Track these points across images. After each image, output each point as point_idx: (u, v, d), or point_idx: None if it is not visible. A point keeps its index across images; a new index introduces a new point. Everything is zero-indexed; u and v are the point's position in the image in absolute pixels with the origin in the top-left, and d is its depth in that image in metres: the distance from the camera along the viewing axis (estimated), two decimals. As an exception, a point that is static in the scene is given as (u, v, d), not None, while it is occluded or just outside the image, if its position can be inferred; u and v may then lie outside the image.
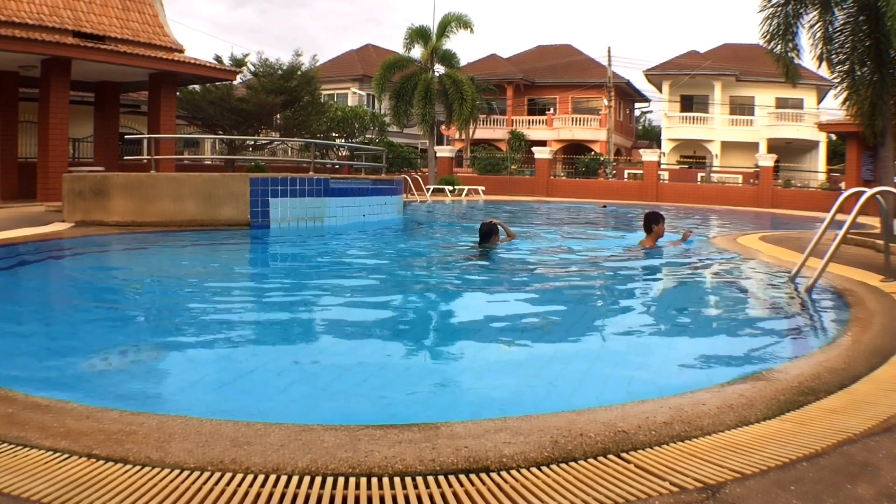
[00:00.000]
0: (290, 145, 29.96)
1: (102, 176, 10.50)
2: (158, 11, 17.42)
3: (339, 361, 3.40)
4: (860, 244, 8.37)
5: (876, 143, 10.87)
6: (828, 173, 31.86)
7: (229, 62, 24.49)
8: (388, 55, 31.14)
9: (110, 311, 4.75)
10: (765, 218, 18.15)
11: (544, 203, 23.12)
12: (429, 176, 27.11)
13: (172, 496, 1.73)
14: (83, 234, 8.85)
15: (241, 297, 5.39)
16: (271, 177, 10.06)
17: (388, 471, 1.88)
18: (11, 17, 13.80)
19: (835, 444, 2.11)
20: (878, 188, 5.50)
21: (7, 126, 16.14)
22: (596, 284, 6.21)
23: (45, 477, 1.80)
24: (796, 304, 5.02)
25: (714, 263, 7.66)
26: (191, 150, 29.17)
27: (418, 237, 10.80)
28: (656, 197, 26.46)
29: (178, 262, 7.39)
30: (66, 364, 3.30)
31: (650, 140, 48.68)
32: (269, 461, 1.91)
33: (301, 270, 7.10)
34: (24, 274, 6.38)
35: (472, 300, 5.48)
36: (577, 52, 43.70)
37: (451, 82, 26.50)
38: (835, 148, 36.74)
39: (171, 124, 17.53)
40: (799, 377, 2.83)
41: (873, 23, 9.66)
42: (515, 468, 1.93)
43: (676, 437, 2.17)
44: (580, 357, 3.59)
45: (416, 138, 36.56)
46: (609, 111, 37.66)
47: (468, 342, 3.94)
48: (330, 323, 4.46)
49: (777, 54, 10.68)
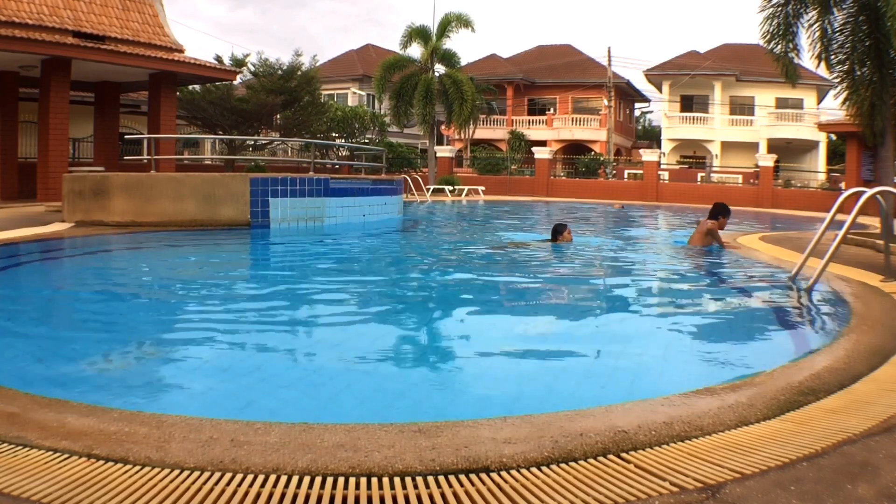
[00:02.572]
0: (290, 145, 29.96)
1: (102, 176, 10.50)
2: (158, 11, 17.42)
3: (339, 361, 3.39)
4: (860, 244, 8.37)
5: (876, 143, 10.87)
6: (828, 173, 31.87)
7: (229, 62, 24.49)
8: (388, 55, 31.12)
9: (110, 310, 4.75)
10: (765, 218, 18.15)
11: (551, 203, 23.11)
12: (429, 176, 27.11)
13: (172, 496, 1.73)
14: (83, 234, 8.85)
15: (241, 297, 5.39)
16: (271, 177, 10.06)
17: (388, 471, 1.88)
18: (11, 17, 13.80)
19: (835, 444, 2.11)
20: (878, 188, 5.51)
21: (7, 126, 16.14)
22: (596, 284, 6.21)
23: (45, 477, 1.80)
24: (796, 305, 5.02)
25: (714, 264, 7.66)
26: (191, 150, 29.16)
27: (418, 237, 10.80)
28: (656, 197, 26.45)
29: (178, 262, 7.39)
30: (66, 364, 3.30)
31: (650, 140, 48.69)
32: (269, 461, 1.91)
33: (300, 270, 7.10)
34: (24, 274, 6.38)
35: (473, 300, 5.48)
36: (577, 52, 43.70)
37: (451, 82, 26.48)
38: (835, 148, 36.75)
39: (171, 124, 17.53)
40: (799, 377, 2.83)
41: (873, 23, 9.66)
42: (515, 468, 1.93)
43: (676, 437, 2.17)
44: (580, 357, 3.59)
45: (416, 138, 36.55)
46: (609, 111, 37.66)
47: (468, 342, 3.94)
48: (330, 323, 4.46)
49: (777, 54, 10.68)
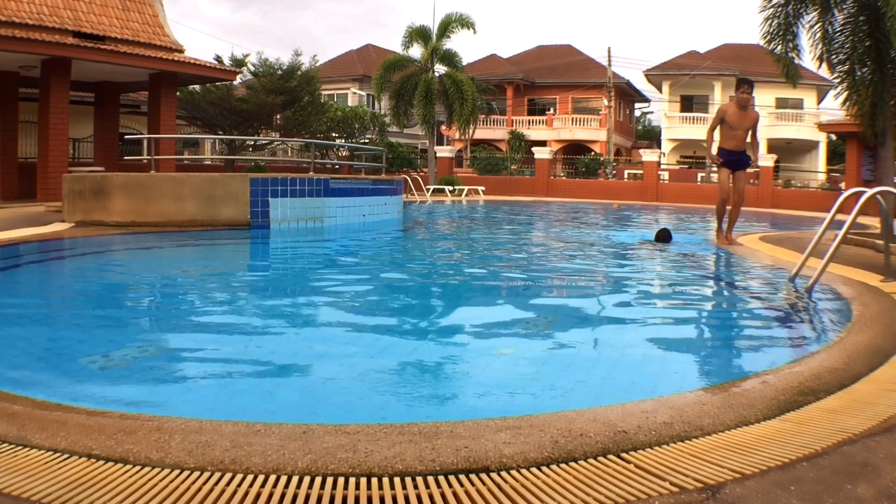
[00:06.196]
0: (290, 145, 29.96)
1: (102, 176, 10.50)
2: (158, 11, 17.42)
3: (338, 361, 3.39)
4: (860, 244, 8.36)
5: (876, 143, 10.87)
6: (828, 173, 31.88)
7: (229, 62, 24.49)
8: (388, 55, 31.13)
9: (110, 311, 4.75)
10: (765, 218, 18.15)
11: (549, 202, 23.12)
12: (429, 176, 27.11)
13: (172, 496, 1.73)
14: (83, 235, 8.86)
15: (241, 297, 5.39)
16: (271, 177, 10.06)
17: (388, 471, 1.88)
18: (11, 17, 13.80)
19: (835, 444, 2.11)
20: (878, 188, 5.50)
21: (7, 126, 16.14)
22: (597, 284, 6.21)
23: (45, 477, 1.80)
24: (796, 305, 5.01)
25: (714, 263, 7.66)
26: (191, 150, 29.15)
27: (418, 237, 10.80)
28: (656, 197, 26.46)
29: (178, 262, 7.39)
30: (66, 364, 3.30)
31: (650, 140, 48.69)
32: (269, 461, 1.91)
33: (300, 270, 7.10)
34: (23, 274, 6.38)
35: (473, 300, 5.48)
36: (577, 52, 43.72)
37: (451, 82, 26.48)
38: (835, 148, 36.76)
39: (171, 124, 17.53)
40: (799, 377, 2.82)
41: (873, 23, 9.66)
42: (515, 468, 1.93)
43: (676, 437, 2.16)
44: (580, 357, 3.59)
45: (416, 138, 36.55)
46: (609, 111, 37.67)
47: (468, 342, 3.94)
48: (329, 323, 4.46)
49: (777, 55, 10.67)
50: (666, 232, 9.38)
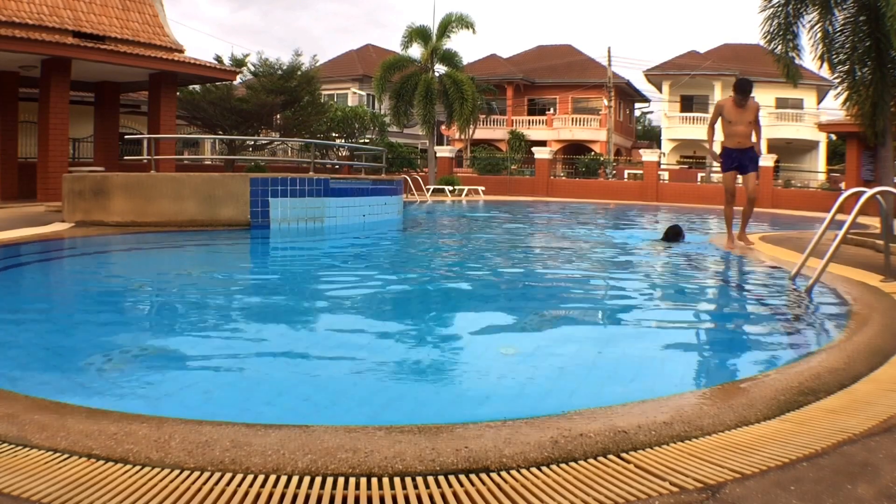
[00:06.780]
0: (290, 145, 29.96)
1: (102, 176, 10.50)
2: (158, 11, 17.43)
3: (339, 362, 3.39)
4: (860, 244, 8.36)
5: (876, 143, 10.86)
6: (828, 173, 31.89)
7: (229, 62, 24.49)
8: (388, 55, 31.12)
9: (110, 311, 4.75)
10: (765, 218, 18.14)
11: (549, 203, 23.12)
12: (429, 176, 27.10)
13: (172, 496, 1.73)
14: (83, 235, 8.86)
15: (241, 297, 5.39)
16: (271, 177, 10.06)
17: (388, 471, 1.88)
18: (11, 17, 13.80)
19: (835, 444, 2.11)
20: (878, 188, 5.50)
21: (7, 126, 16.14)
22: (597, 284, 6.20)
23: (45, 477, 1.80)
24: (796, 305, 5.01)
25: (714, 263, 7.66)
26: (191, 150, 29.15)
27: (419, 237, 10.80)
28: (656, 197, 26.45)
29: (178, 262, 7.39)
30: (66, 364, 3.30)
31: (650, 140, 48.70)
32: (269, 461, 1.91)
33: (300, 270, 7.10)
34: (24, 274, 6.38)
35: (473, 300, 5.48)
36: (577, 52, 43.72)
37: (451, 82, 26.48)
38: (835, 148, 36.77)
39: (171, 124, 17.53)
40: (799, 377, 2.82)
41: (873, 23, 9.66)
42: (515, 468, 1.93)
43: (676, 437, 2.16)
44: (580, 357, 3.59)
45: (416, 138, 36.56)
46: (609, 111, 37.67)
47: (468, 342, 3.94)
48: (329, 323, 4.46)
49: (778, 54, 10.67)
50: (677, 229, 9.04)
